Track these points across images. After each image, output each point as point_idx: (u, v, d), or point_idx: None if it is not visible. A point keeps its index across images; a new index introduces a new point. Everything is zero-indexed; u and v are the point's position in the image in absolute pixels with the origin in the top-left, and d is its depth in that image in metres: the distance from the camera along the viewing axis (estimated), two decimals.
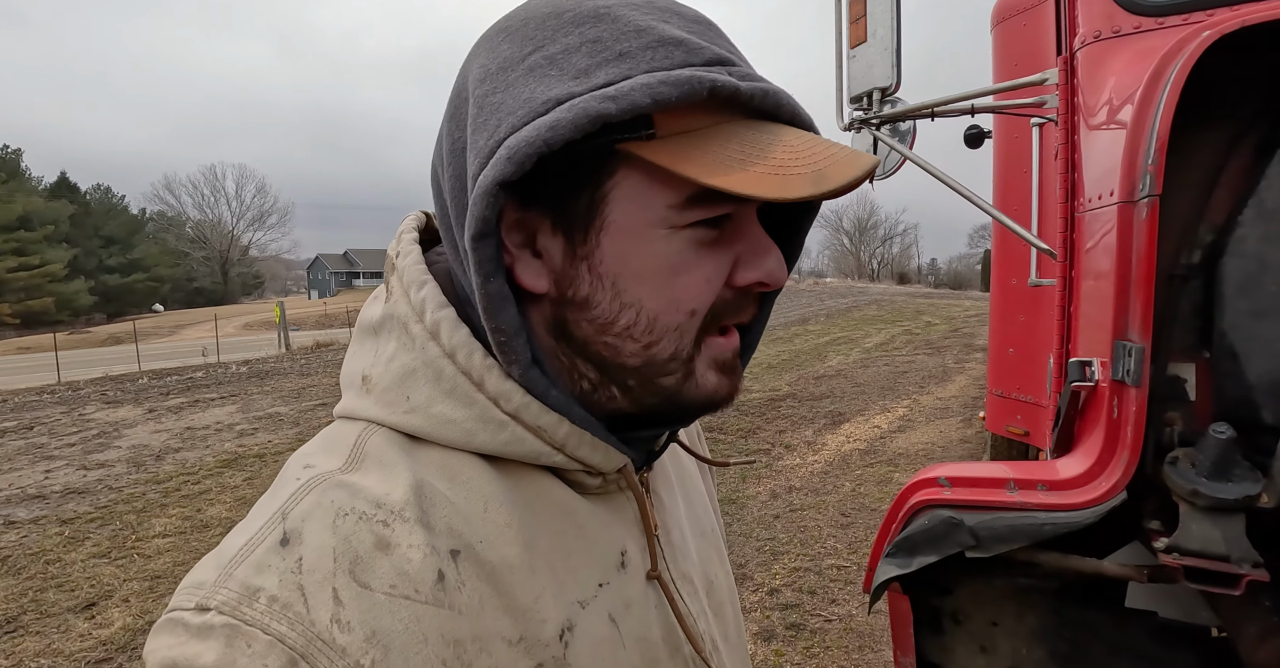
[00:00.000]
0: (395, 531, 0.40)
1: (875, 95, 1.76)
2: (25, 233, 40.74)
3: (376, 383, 0.47)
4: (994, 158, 2.84)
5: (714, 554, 0.64)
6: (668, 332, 0.45)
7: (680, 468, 0.66)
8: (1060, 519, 1.09)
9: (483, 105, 0.43)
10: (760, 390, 9.69)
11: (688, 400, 0.47)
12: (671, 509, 0.59)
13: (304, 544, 0.38)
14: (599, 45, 0.41)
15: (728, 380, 0.48)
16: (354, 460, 0.44)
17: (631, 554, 0.51)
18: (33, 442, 8.44)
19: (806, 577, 3.92)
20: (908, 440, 6.85)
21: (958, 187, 1.65)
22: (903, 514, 1.23)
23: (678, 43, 0.42)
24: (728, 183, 0.39)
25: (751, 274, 0.46)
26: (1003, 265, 2.83)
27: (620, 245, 0.44)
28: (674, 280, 0.44)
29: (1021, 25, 2.39)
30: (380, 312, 0.49)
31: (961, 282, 67.64)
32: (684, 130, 0.41)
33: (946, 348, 13.72)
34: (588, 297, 0.45)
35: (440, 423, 0.45)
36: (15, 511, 5.81)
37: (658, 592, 0.53)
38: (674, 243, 0.44)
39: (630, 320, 0.45)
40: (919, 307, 25.42)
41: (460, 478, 0.45)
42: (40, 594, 4.17)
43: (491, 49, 0.45)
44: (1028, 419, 2.61)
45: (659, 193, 0.43)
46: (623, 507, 0.52)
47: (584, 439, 0.46)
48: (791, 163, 0.40)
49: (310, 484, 0.41)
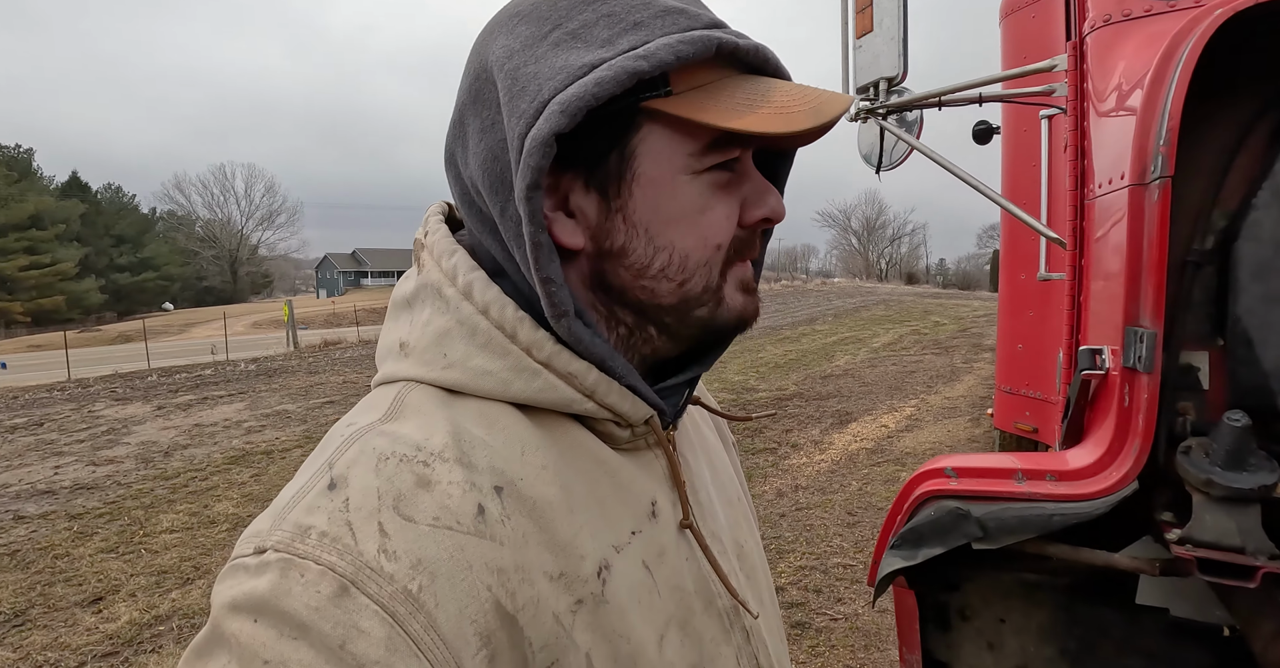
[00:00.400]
0: (435, 469, 0.43)
1: (882, 85, 1.74)
2: (37, 232, 41.08)
3: (414, 346, 0.50)
4: (1002, 151, 2.81)
5: (743, 522, 0.66)
6: (699, 268, 0.50)
7: (704, 440, 0.68)
8: (1070, 510, 1.06)
9: (516, 77, 0.46)
10: (767, 390, 9.66)
11: (721, 324, 0.52)
12: (698, 472, 0.61)
13: (350, 487, 0.41)
14: (614, 18, 0.46)
15: (752, 299, 0.54)
16: (393, 412, 0.47)
17: (662, 505, 0.54)
18: (43, 438, 8.50)
19: (812, 575, 3.90)
20: (915, 440, 6.81)
21: (966, 176, 1.62)
22: (908, 505, 1.21)
23: (680, 11, 0.47)
24: (743, 124, 0.44)
25: (759, 212, 0.51)
26: (1011, 260, 2.80)
27: (650, 194, 0.48)
28: (700, 219, 0.49)
29: (1031, 17, 2.36)
30: (414, 284, 0.53)
31: (970, 282, 67.36)
32: (696, 86, 0.47)
33: (955, 348, 13.65)
34: (624, 246, 0.49)
35: (477, 375, 0.48)
36: (25, 506, 5.85)
37: (690, 544, 0.55)
38: (697, 186, 0.49)
39: (665, 262, 0.49)
40: (927, 307, 25.31)
41: (498, 425, 0.47)
42: (48, 588, 4.19)
43: (510, 31, 0.48)
44: (1036, 416, 2.58)
45: (681, 142, 0.47)
46: (651, 462, 0.55)
47: (612, 387, 0.49)
48: (791, 103, 0.46)
49: (353, 437, 0.45)
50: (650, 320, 0.52)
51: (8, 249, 39.64)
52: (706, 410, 0.71)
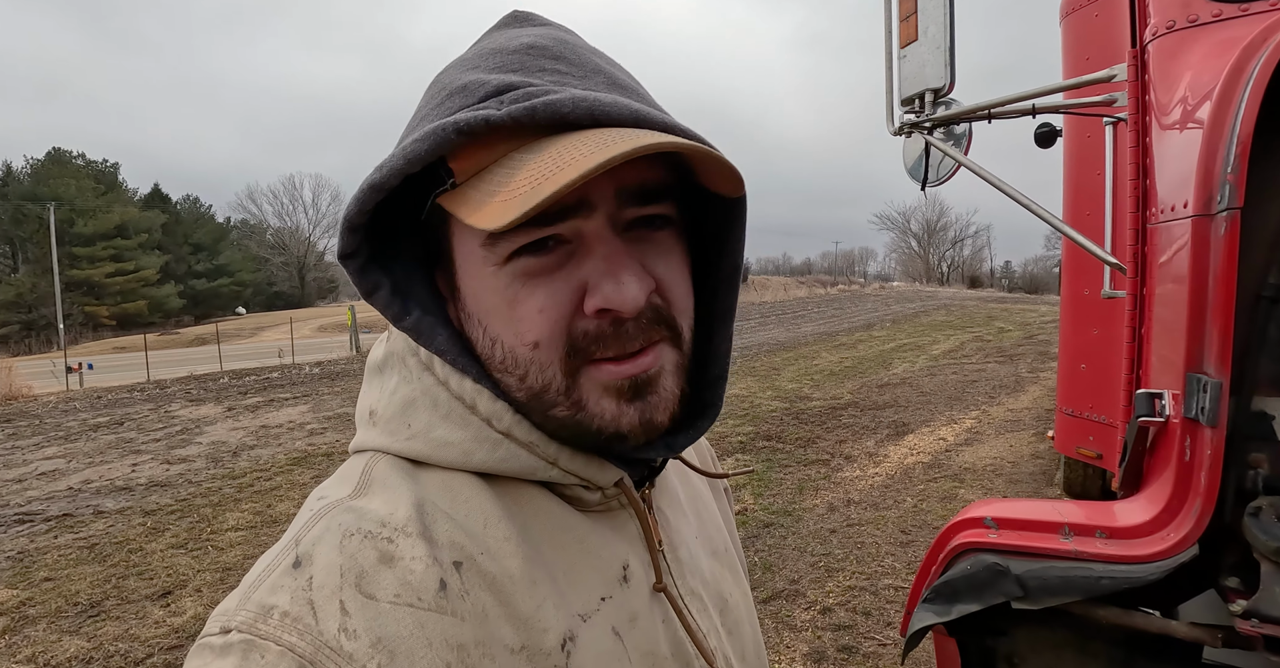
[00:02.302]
0: (399, 545, 0.43)
1: (928, 97, 1.65)
2: (122, 240, 43.67)
3: (381, 415, 0.51)
4: (1064, 159, 2.65)
5: (728, 574, 0.65)
6: (530, 365, 0.46)
7: (690, 488, 0.66)
8: (1120, 574, 0.96)
9: None
10: (821, 398, 9.45)
11: (594, 430, 0.46)
12: (678, 527, 0.60)
13: (314, 564, 0.41)
14: (417, 116, 0.47)
15: (632, 408, 0.46)
16: (361, 487, 0.47)
17: (634, 569, 0.52)
18: (122, 436, 8.99)
19: (862, 597, 3.77)
20: (975, 455, 6.54)
21: (1016, 194, 1.53)
22: (943, 556, 1.13)
23: (460, 90, 0.45)
24: (476, 220, 0.41)
25: (592, 301, 0.44)
26: (1074, 274, 2.64)
27: (470, 285, 0.48)
28: (510, 314, 0.45)
29: (1093, 15, 2.20)
30: (383, 351, 0.54)
31: (1038, 285, 64.75)
32: (478, 169, 0.44)
33: (1020, 356, 13.10)
34: (470, 334, 0.49)
35: (439, 445, 0.48)
36: (104, 501, 6.18)
37: (665, 606, 0.54)
38: (502, 278, 0.45)
39: (501, 355, 0.47)
40: (991, 312, 24.44)
41: (461, 496, 0.47)
42: (122, 581, 4.41)
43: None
44: (1101, 441, 2.42)
45: (471, 235, 0.46)
46: (624, 523, 0.54)
47: (576, 453, 0.48)
48: (522, 184, 0.40)
49: (321, 512, 0.45)
50: (521, 412, 0.48)
51: (96, 257, 42.25)
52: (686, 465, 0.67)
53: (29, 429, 9.78)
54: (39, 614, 4.01)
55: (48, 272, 34.67)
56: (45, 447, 8.59)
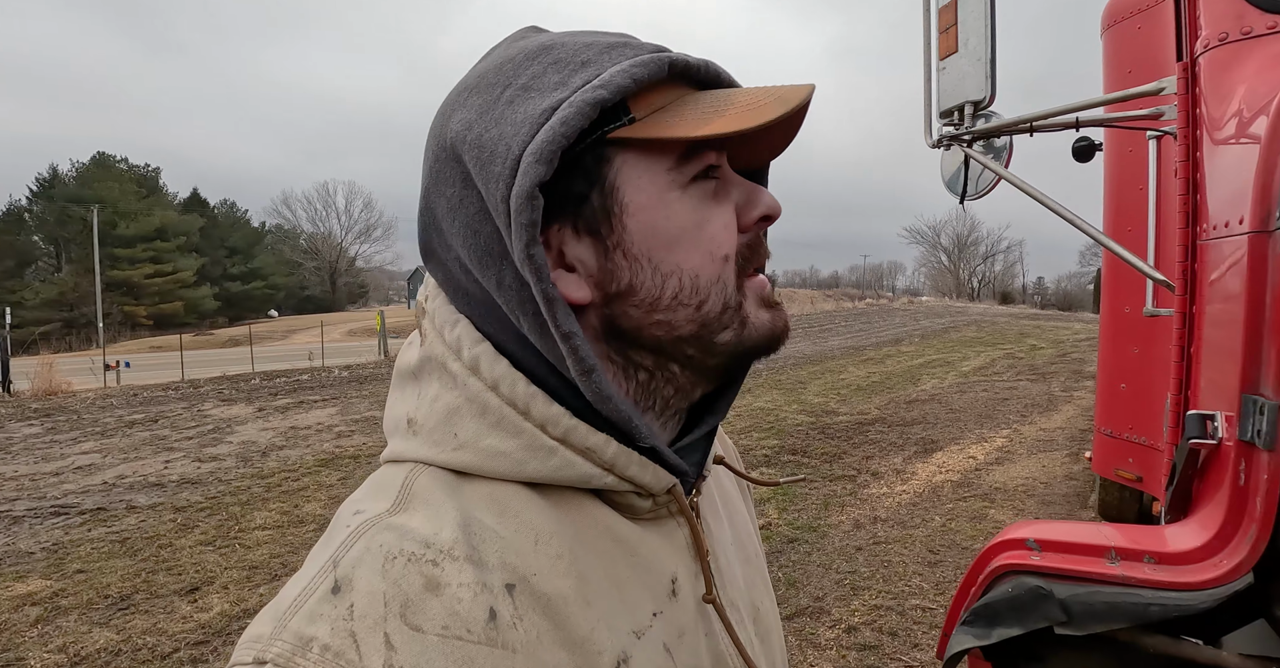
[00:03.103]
0: (445, 570, 0.41)
1: (967, 109, 1.63)
2: (161, 243, 44.86)
3: (423, 424, 0.48)
4: (1105, 174, 2.59)
5: (759, 581, 0.64)
6: (712, 286, 0.48)
7: (724, 492, 0.65)
8: (1170, 601, 0.93)
9: (482, 144, 0.45)
10: (848, 413, 9.35)
11: (751, 345, 0.50)
12: (719, 536, 0.59)
13: (355, 591, 0.39)
14: (561, 63, 0.46)
15: (780, 313, 0.51)
16: (401, 501, 0.44)
17: (682, 581, 0.51)
18: (157, 434, 9.18)
19: (888, 616, 3.70)
20: (1006, 474, 6.41)
21: (1059, 208, 1.50)
22: (984, 577, 1.09)
23: (623, 44, 0.47)
24: (712, 129, 0.43)
25: (755, 211, 0.49)
26: (1114, 290, 2.58)
27: (644, 221, 0.46)
28: (700, 234, 0.47)
29: (1136, 28, 2.15)
30: (417, 355, 0.50)
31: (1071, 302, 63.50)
32: (656, 108, 0.46)
33: (1053, 374, 12.84)
34: (631, 282, 0.47)
35: (490, 456, 0.45)
36: (137, 497, 6.31)
37: (708, 620, 0.52)
38: (688, 201, 0.47)
39: (676, 287, 0.47)
40: (1023, 328, 24.02)
41: (510, 511, 0.45)
42: (151, 576, 4.49)
43: (464, 104, 0.48)
44: (1141, 463, 2.34)
45: (655, 162, 0.46)
46: (673, 532, 0.52)
47: (632, 458, 0.47)
48: (754, 101, 0.45)
49: (360, 530, 0.42)
50: (671, 357, 0.49)
51: (135, 258, 43.44)
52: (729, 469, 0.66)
53: (67, 424, 10.04)
54: (71, 605, 4.10)
55: (89, 272, 35.71)
56: (82, 442, 8.81)
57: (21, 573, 4.60)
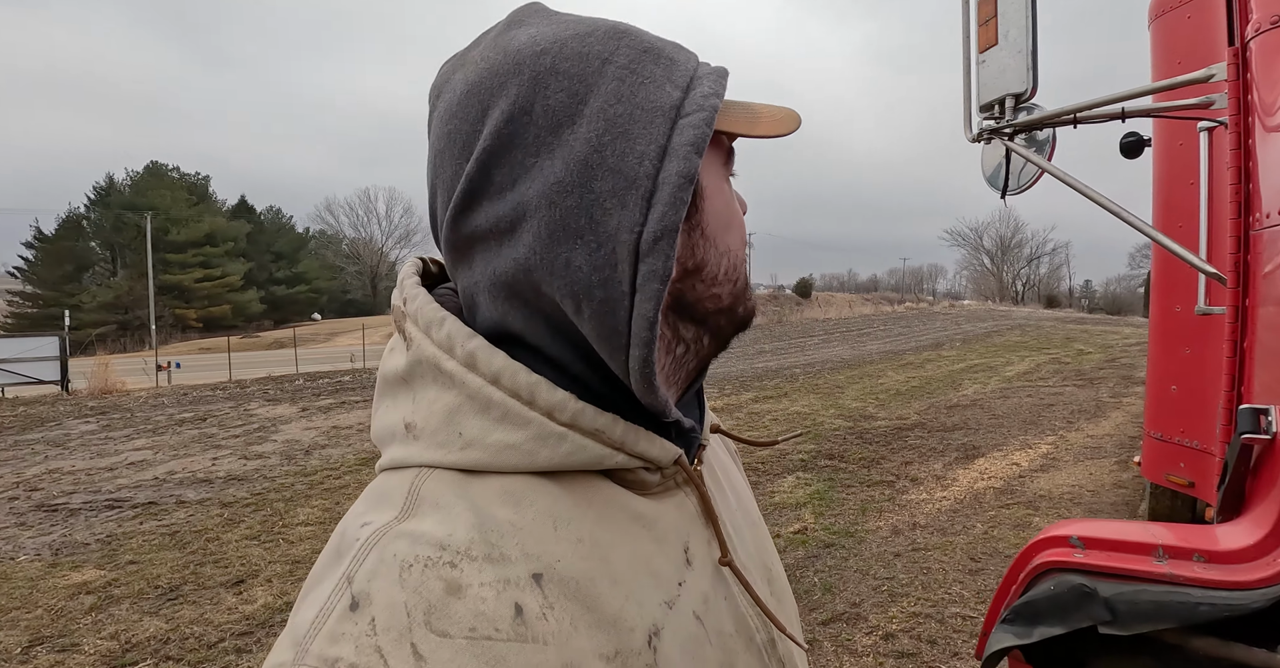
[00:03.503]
0: (464, 571, 0.40)
1: (1008, 102, 1.60)
2: (210, 248, 46.29)
3: (424, 427, 0.46)
4: (1154, 168, 2.51)
5: (766, 543, 0.65)
6: (740, 265, 0.53)
7: (719, 460, 0.66)
8: (1220, 600, 0.89)
9: (612, 118, 0.44)
10: (886, 418, 9.20)
11: (746, 316, 0.55)
12: (723, 502, 0.59)
13: (374, 604, 0.37)
14: (651, 54, 0.47)
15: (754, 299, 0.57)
16: (410, 507, 0.43)
17: (695, 549, 0.52)
18: (205, 432, 9.48)
19: (927, 624, 3.62)
20: (1051, 481, 6.23)
21: (1105, 202, 1.45)
22: (1025, 575, 1.06)
23: (679, 49, 0.50)
24: (762, 129, 0.51)
25: (743, 201, 0.57)
26: (1164, 288, 2.49)
27: (714, 204, 0.50)
28: (736, 220, 0.53)
29: (1185, 16, 2.08)
30: (405, 360, 0.48)
31: (1120, 306, 61.63)
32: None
33: (1101, 380, 12.46)
34: (703, 259, 0.50)
35: (499, 450, 0.44)
36: (186, 492, 6.52)
37: (725, 583, 0.53)
38: (728, 190, 0.53)
39: (728, 265, 0.51)
40: (1070, 333, 23.36)
41: (525, 501, 0.44)
42: (199, 569, 4.63)
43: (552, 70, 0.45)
44: (1193, 468, 2.26)
45: (717, 153, 0.51)
46: (682, 503, 0.53)
47: (640, 434, 0.47)
48: (774, 115, 0.52)
49: (370, 541, 0.41)
50: (708, 328, 0.53)
51: (186, 263, 44.90)
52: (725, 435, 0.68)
53: (121, 422, 10.42)
54: (123, 595, 4.25)
55: (143, 276, 37.09)
56: (135, 439, 9.14)
57: (77, 563, 4.79)
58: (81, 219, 45.61)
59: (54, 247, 43.49)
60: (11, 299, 45.03)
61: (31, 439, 9.25)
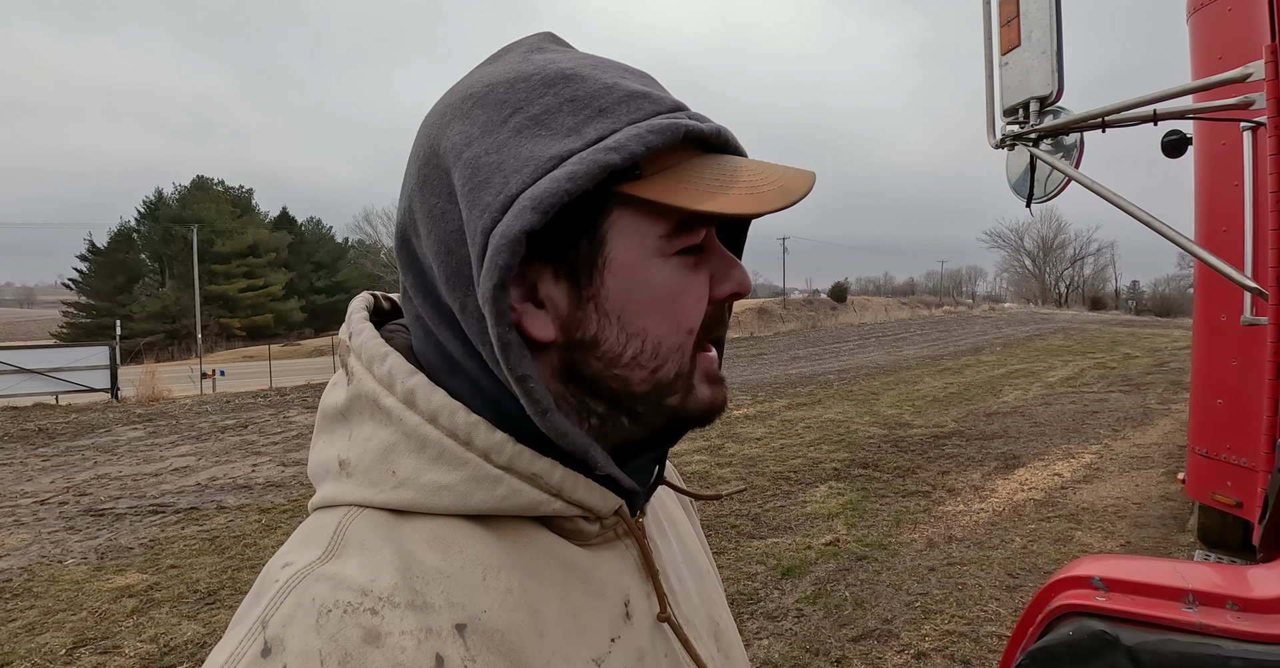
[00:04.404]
0: (385, 618, 0.38)
1: (1033, 106, 1.53)
2: (253, 259, 47.68)
3: (357, 464, 0.45)
4: (1195, 171, 2.38)
5: (715, 596, 0.63)
6: (671, 353, 0.47)
7: (666, 510, 0.64)
8: (1255, 655, 0.81)
9: (477, 166, 0.44)
10: (922, 426, 8.99)
11: (690, 415, 0.49)
12: (668, 555, 0.58)
13: (286, 651, 0.36)
14: (577, 104, 0.44)
15: (720, 390, 0.51)
16: (334, 548, 0.42)
17: (635, 603, 0.50)
18: (246, 438, 9.70)
19: (961, 643, 3.50)
20: (1095, 493, 6.00)
21: (1136, 210, 1.37)
22: (1043, 617, 0.99)
23: (643, 96, 0.46)
24: (716, 205, 0.43)
25: (727, 286, 0.49)
26: (1208, 295, 2.36)
27: (623, 280, 0.46)
28: (672, 305, 0.47)
29: (1226, 10, 1.96)
30: (345, 395, 0.48)
31: (1170, 308, 59.63)
32: (664, 168, 0.45)
33: (1149, 385, 12.02)
34: (596, 335, 0.46)
35: (432, 491, 0.43)
36: (226, 498, 6.66)
37: (667, 639, 0.51)
38: (668, 269, 0.47)
39: (637, 349, 0.47)
40: (1115, 336, 22.65)
41: (455, 547, 0.43)
42: (237, 573, 4.72)
43: (465, 115, 0.46)
44: (1241, 487, 2.12)
45: (651, 226, 0.46)
46: (623, 555, 0.52)
47: (579, 481, 0.46)
48: (759, 182, 0.45)
49: (290, 584, 0.40)
50: (622, 410, 0.49)
51: (230, 274, 46.29)
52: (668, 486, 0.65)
53: (167, 428, 10.73)
54: (163, 598, 4.34)
55: (190, 287, 38.26)
56: (180, 445, 9.40)
57: (121, 566, 4.92)
58: (132, 232, 47.36)
59: (106, 259, 45.24)
60: (66, 310, 46.97)
61: (82, 445, 9.58)
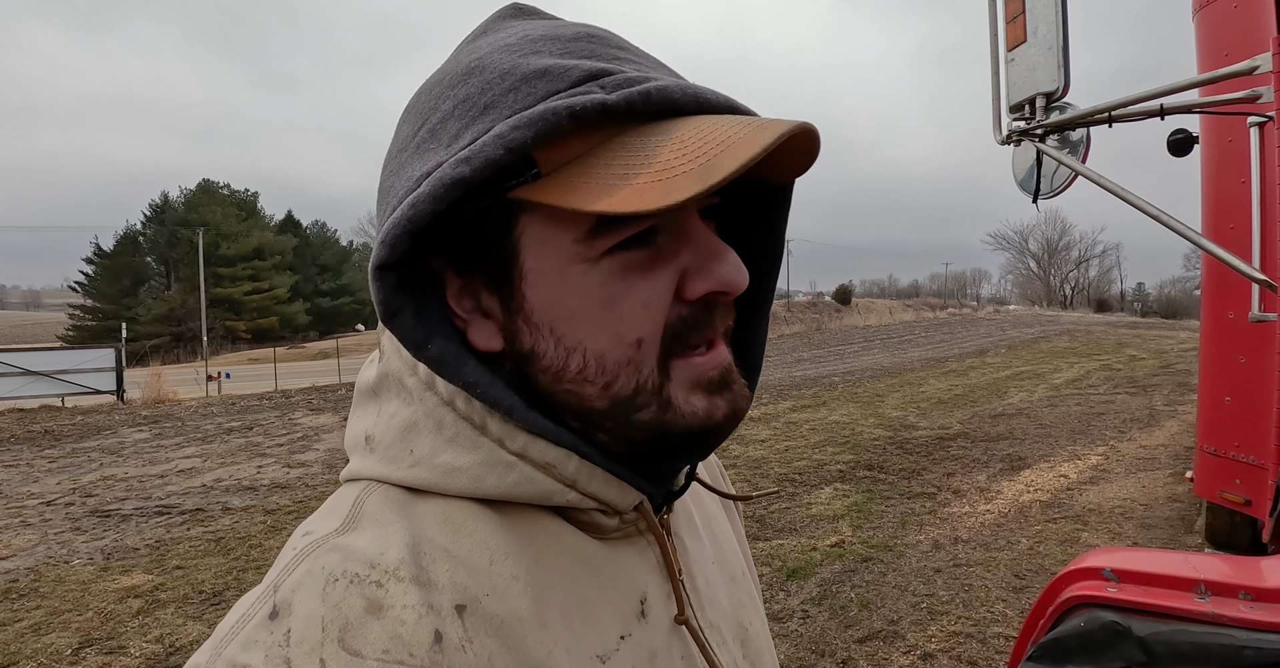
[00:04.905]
0: (389, 591, 0.39)
1: (1039, 102, 1.53)
2: (259, 262, 47.90)
3: (380, 440, 0.46)
4: (1202, 168, 2.38)
5: (747, 601, 0.61)
6: (620, 367, 0.42)
7: (704, 509, 0.62)
8: (1268, 644, 0.80)
9: (381, 191, 0.44)
10: (927, 428, 8.97)
11: (680, 430, 0.44)
12: (696, 554, 0.56)
13: (293, 615, 0.37)
14: (467, 104, 0.41)
15: (722, 400, 0.44)
16: (350, 521, 0.42)
17: (653, 601, 0.48)
18: (251, 440, 9.72)
19: (968, 644, 3.49)
20: (1101, 495, 5.98)
21: (1144, 205, 1.37)
22: (1053, 609, 0.99)
23: (540, 74, 0.40)
24: (609, 204, 0.36)
25: (703, 284, 0.42)
26: (1216, 293, 2.35)
27: (543, 291, 0.42)
28: (607, 315, 0.42)
29: (1232, 6, 1.96)
30: (376, 372, 0.49)
31: (1175, 309, 59.42)
32: (569, 159, 0.39)
33: (1155, 387, 11.97)
34: (533, 348, 0.44)
35: (446, 472, 0.43)
36: (231, 499, 6.68)
37: (685, 641, 0.49)
38: (595, 275, 0.41)
39: (580, 364, 0.43)
40: (1121, 338, 22.57)
41: (465, 530, 0.43)
42: (242, 574, 4.73)
43: (397, 131, 0.46)
44: (1250, 485, 2.11)
45: (561, 230, 0.41)
46: (643, 550, 0.50)
47: (595, 473, 0.44)
48: (678, 161, 0.36)
49: (304, 552, 0.41)
50: (592, 424, 0.45)
51: (236, 277, 46.50)
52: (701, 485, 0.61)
53: (172, 430, 10.76)
54: (169, 599, 4.36)
55: (195, 290, 38.42)
56: (185, 447, 9.42)
57: (127, 567, 4.93)
58: (138, 235, 47.59)
59: (112, 262, 45.46)
60: (73, 312, 47.19)
61: (88, 447, 9.61)
